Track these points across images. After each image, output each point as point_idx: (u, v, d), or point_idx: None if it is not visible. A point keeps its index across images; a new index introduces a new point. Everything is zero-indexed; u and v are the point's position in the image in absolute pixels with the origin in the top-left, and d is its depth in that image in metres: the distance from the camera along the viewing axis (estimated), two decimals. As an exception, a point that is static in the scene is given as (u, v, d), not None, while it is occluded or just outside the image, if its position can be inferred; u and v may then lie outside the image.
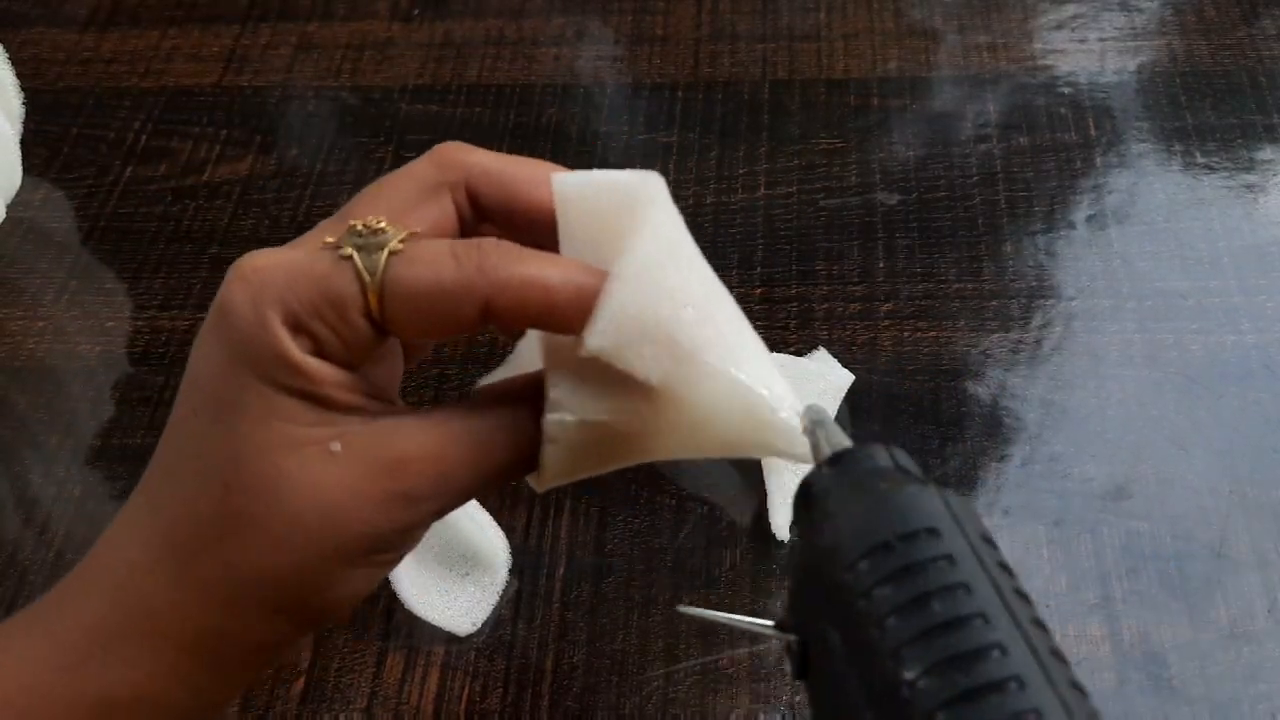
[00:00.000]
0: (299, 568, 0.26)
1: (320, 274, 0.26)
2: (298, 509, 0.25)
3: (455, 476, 0.27)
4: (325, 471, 0.25)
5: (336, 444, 0.26)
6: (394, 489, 0.26)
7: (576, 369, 0.28)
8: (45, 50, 0.68)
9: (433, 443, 0.27)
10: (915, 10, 0.66)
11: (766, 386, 0.29)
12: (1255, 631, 0.43)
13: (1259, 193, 0.56)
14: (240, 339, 0.26)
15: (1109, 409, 0.49)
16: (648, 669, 0.44)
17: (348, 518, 0.26)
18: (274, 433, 0.25)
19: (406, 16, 0.68)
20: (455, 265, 0.26)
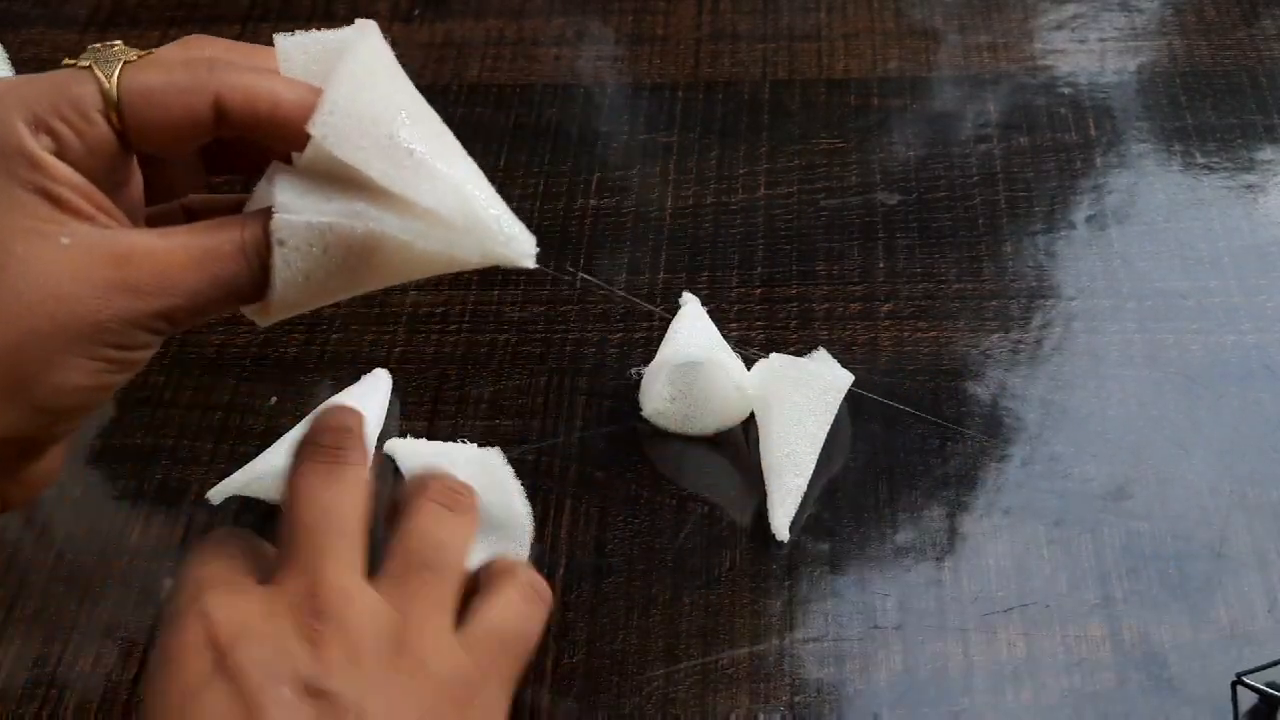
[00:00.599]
0: (18, 344, 0.27)
1: (60, 80, 0.28)
2: (20, 287, 0.27)
3: (181, 277, 0.28)
4: (52, 257, 0.27)
5: (66, 238, 0.27)
6: (116, 277, 0.27)
7: (304, 177, 0.29)
8: (45, 50, 0.68)
9: (159, 244, 0.28)
10: (915, 10, 0.66)
11: (479, 188, 0.30)
12: (1255, 631, 0.43)
13: (1259, 193, 0.56)
14: None
15: (1109, 409, 0.49)
16: (648, 669, 0.44)
17: (68, 297, 0.27)
18: (7, 220, 0.27)
19: (406, 16, 0.68)
20: (186, 69, 0.28)
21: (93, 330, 0.27)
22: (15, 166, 0.27)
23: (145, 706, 0.28)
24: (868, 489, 0.48)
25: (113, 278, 0.27)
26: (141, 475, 0.50)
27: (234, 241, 0.29)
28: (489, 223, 0.30)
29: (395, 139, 0.29)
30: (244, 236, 0.29)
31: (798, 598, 0.45)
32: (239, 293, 0.29)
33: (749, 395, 0.48)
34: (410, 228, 0.29)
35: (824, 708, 0.43)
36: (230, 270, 0.29)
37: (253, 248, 0.29)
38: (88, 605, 0.47)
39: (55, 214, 0.27)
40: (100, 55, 0.28)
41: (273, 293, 0.29)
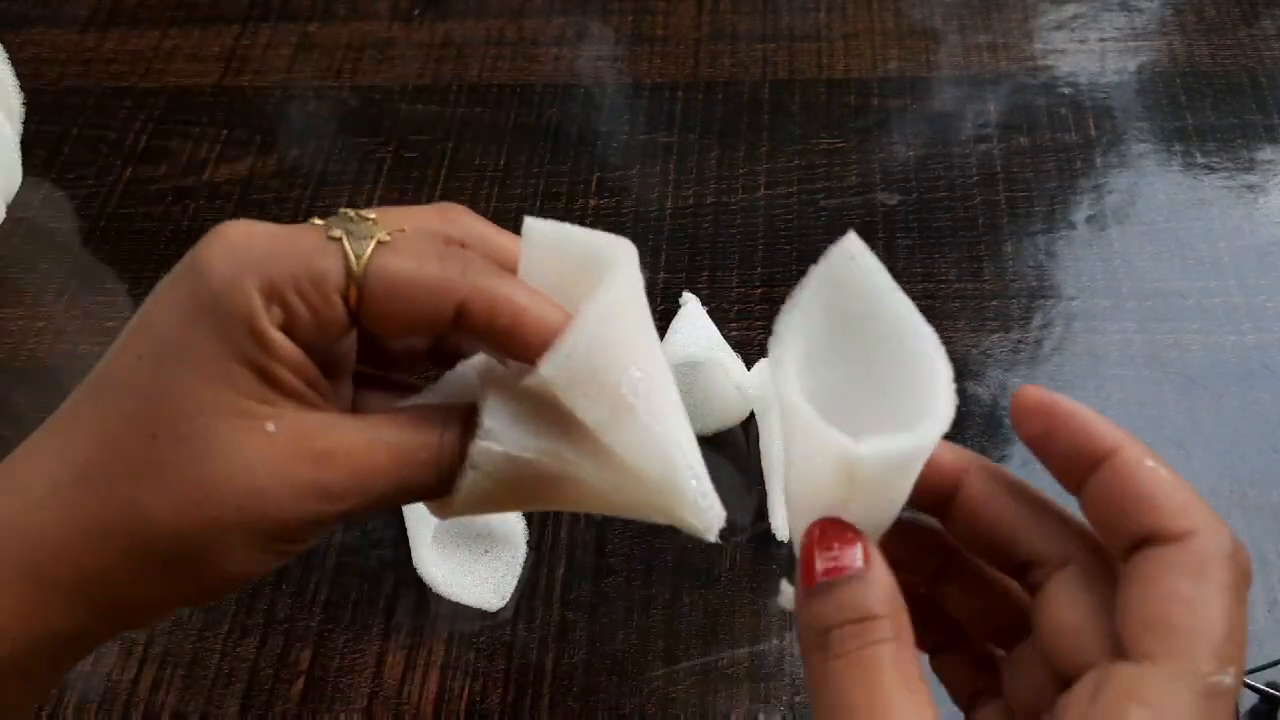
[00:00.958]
0: (204, 532, 0.26)
1: (306, 249, 0.26)
2: (220, 474, 0.25)
3: (374, 482, 0.27)
4: (255, 447, 0.26)
5: (272, 425, 0.26)
6: (315, 480, 0.26)
7: (514, 403, 0.28)
8: (46, 50, 0.68)
9: (360, 444, 0.27)
10: (915, 10, 0.66)
11: (684, 449, 0.29)
12: (1255, 632, 0.43)
13: (1259, 193, 0.56)
14: (211, 295, 0.26)
15: (1109, 409, 0.49)
16: (648, 669, 0.44)
17: (265, 496, 0.26)
18: (218, 395, 0.26)
19: (407, 16, 0.68)
20: (439, 263, 0.26)
21: (280, 528, 0.26)
22: (239, 337, 0.26)
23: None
24: (868, 489, 0.48)
25: (312, 480, 0.26)
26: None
27: (431, 448, 0.28)
28: (685, 490, 0.29)
29: (620, 391, 0.28)
30: (443, 444, 0.28)
31: (798, 598, 0.45)
32: (421, 497, 0.28)
33: (749, 395, 0.48)
34: (605, 478, 0.29)
35: (824, 708, 0.42)
36: (421, 478, 0.28)
37: (447, 466, 0.28)
38: (87, 605, 0.47)
39: (266, 392, 0.26)
40: (353, 228, 0.27)
41: (456, 500, 0.28)
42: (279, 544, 0.27)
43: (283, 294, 0.26)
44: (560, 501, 0.30)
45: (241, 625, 0.46)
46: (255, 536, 0.26)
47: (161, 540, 0.26)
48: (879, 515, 0.27)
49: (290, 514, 0.26)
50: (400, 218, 0.28)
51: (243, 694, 0.44)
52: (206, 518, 0.25)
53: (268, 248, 0.26)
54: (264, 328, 0.26)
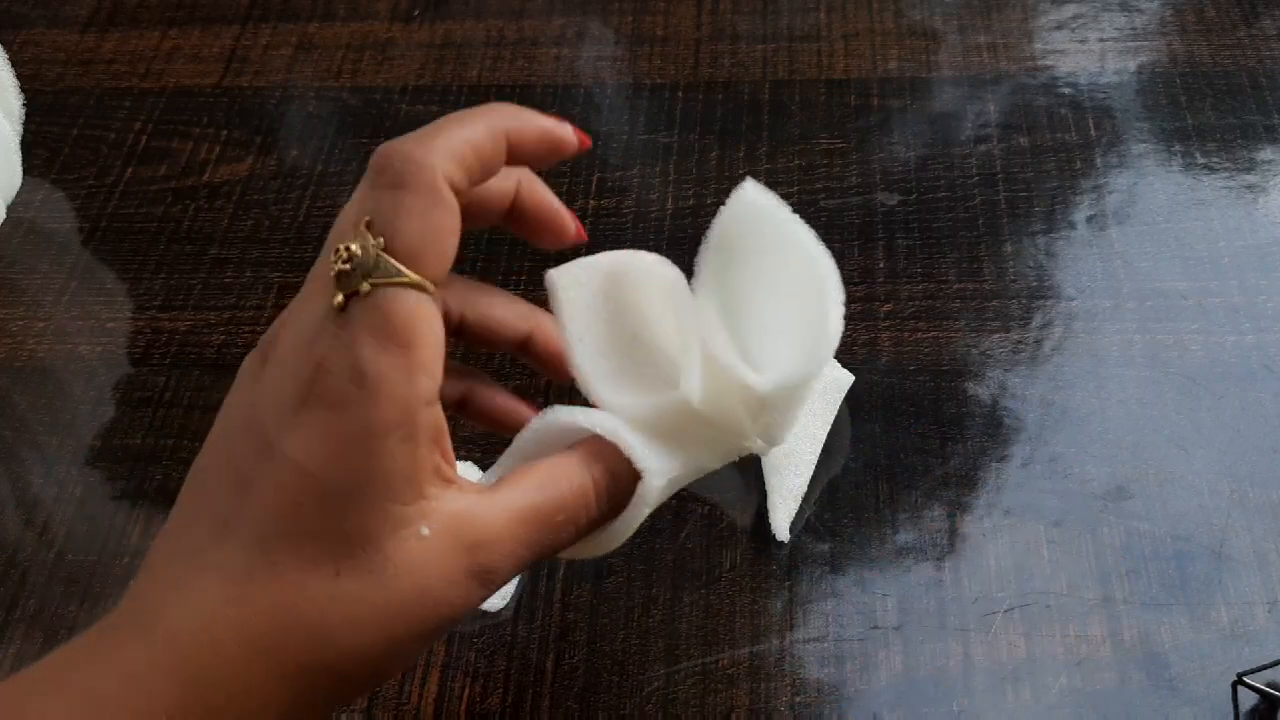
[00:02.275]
0: (391, 648, 0.26)
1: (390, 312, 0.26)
2: (400, 590, 0.26)
3: (522, 555, 0.28)
4: (420, 554, 0.26)
5: (425, 528, 0.26)
6: (474, 569, 0.27)
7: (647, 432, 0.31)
8: (45, 51, 0.68)
9: (505, 526, 0.28)
10: (915, 10, 0.66)
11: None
12: (1255, 631, 0.43)
13: (1259, 193, 0.56)
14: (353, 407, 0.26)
15: (1109, 409, 0.49)
16: (648, 669, 0.44)
17: (439, 597, 0.26)
18: (382, 513, 0.26)
19: (406, 17, 0.68)
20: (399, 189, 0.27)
21: (452, 621, 0.27)
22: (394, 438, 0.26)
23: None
24: (868, 489, 0.48)
25: (472, 570, 0.27)
26: (141, 475, 0.50)
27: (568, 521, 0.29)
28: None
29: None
30: (571, 500, 0.29)
31: (798, 598, 0.45)
32: (566, 546, 0.30)
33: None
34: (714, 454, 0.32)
35: (824, 708, 0.43)
36: (560, 539, 0.29)
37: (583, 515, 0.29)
38: (88, 605, 0.47)
39: (415, 489, 0.26)
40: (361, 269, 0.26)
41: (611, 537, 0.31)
42: (443, 632, 0.28)
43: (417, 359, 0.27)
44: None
45: (241, 625, 0.46)
46: (432, 634, 0.27)
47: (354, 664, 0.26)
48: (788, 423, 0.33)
49: (459, 606, 0.27)
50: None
51: None
52: (395, 637, 0.26)
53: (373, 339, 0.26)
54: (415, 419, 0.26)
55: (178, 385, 0.53)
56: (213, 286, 0.56)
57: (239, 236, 0.58)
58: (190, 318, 0.55)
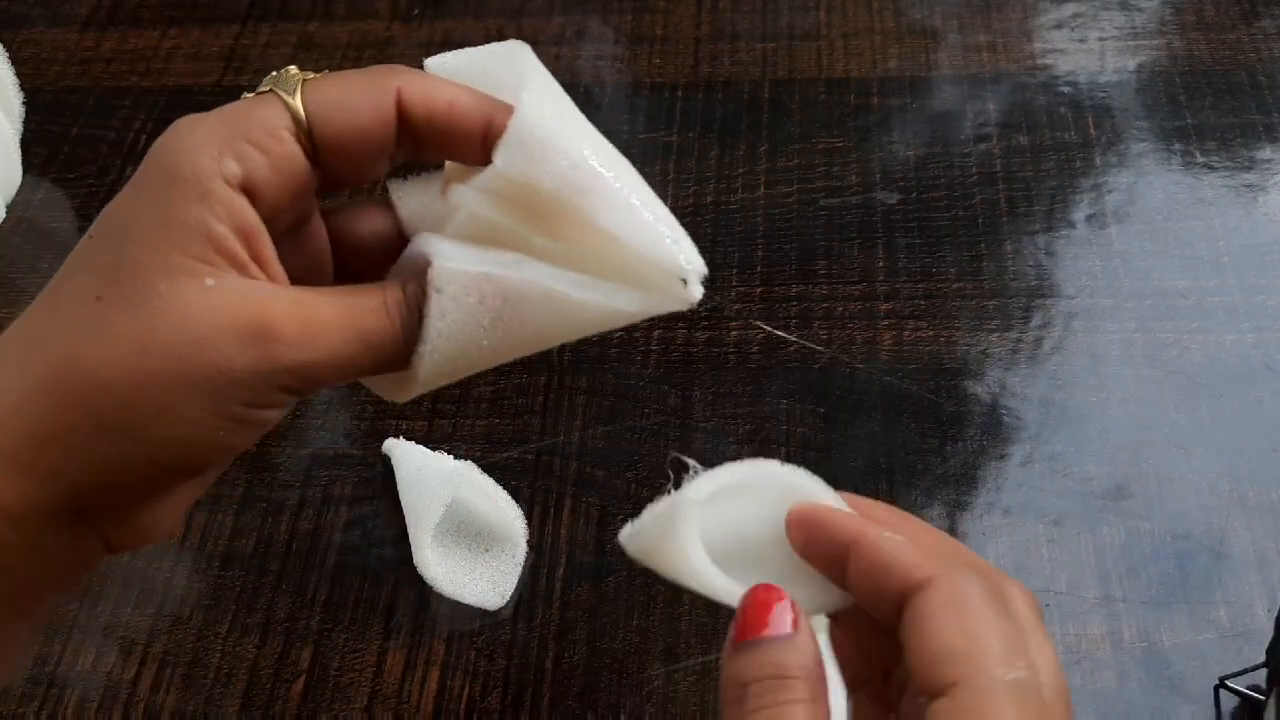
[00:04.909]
0: (144, 384, 0.25)
1: (244, 107, 0.27)
2: (159, 325, 0.25)
3: (321, 333, 0.27)
4: (194, 298, 0.26)
5: (211, 280, 0.26)
6: (255, 324, 0.26)
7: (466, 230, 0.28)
8: (45, 50, 0.68)
9: (303, 295, 0.27)
10: (915, 10, 0.66)
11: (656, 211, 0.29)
12: (1255, 631, 0.43)
13: (1259, 192, 0.56)
14: (159, 166, 0.26)
15: (1109, 409, 0.49)
16: (648, 669, 0.44)
17: (201, 341, 0.25)
18: (158, 255, 0.26)
19: (406, 16, 0.68)
20: (365, 75, 0.28)
21: (221, 380, 0.25)
22: (185, 199, 0.26)
23: None
24: (868, 489, 0.48)
25: (252, 324, 0.26)
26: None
27: (379, 299, 0.27)
28: (664, 247, 0.29)
29: (587, 160, 0.28)
30: (391, 294, 0.28)
31: (798, 597, 0.45)
32: (382, 352, 0.28)
33: None
34: (568, 278, 0.28)
35: (824, 707, 0.42)
36: (375, 326, 0.27)
37: (400, 304, 0.28)
38: (88, 605, 0.47)
39: (209, 253, 0.26)
40: (278, 80, 0.28)
41: (424, 347, 0.28)
42: (232, 404, 0.26)
43: (235, 145, 0.26)
44: (532, 325, 0.28)
45: (241, 625, 0.46)
46: (201, 391, 0.25)
47: (102, 395, 0.25)
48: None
49: (235, 363, 0.25)
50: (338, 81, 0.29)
51: (243, 694, 0.44)
52: (145, 368, 0.25)
53: (213, 117, 0.27)
54: (211, 185, 0.26)
55: (178, 385, 0.53)
56: (212, 286, 0.56)
57: (239, 236, 0.58)
58: (190, 317, 0.55)
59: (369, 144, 0.28)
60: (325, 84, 0.28)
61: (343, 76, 0.28)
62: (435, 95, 0.28)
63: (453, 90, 0.28)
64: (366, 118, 0.28)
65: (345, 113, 0.27)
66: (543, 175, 0.27)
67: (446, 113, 0.28)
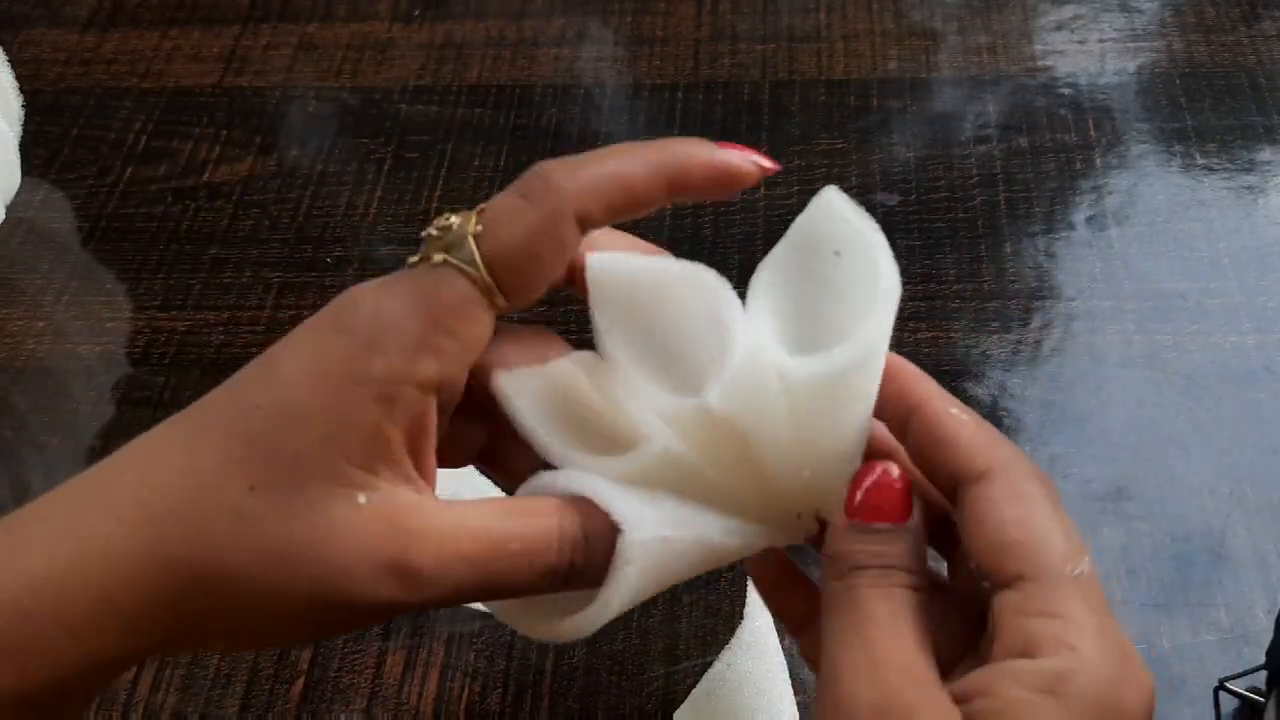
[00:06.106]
0: (274, 594, 0.24)
1: (434, 284, 0.25)
2: (303, 539, 0.24)
3: (458, 571, 0.25)
4: (343, 516, 0.24)
5: (364, 497, 0.24)
6: (398, 560, 0.24)
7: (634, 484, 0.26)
8: (45, 51, 0.68)
9: (450, 529, 0.25)
10: (915, 11, 0.66)
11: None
12: (1255, 632, 0.43)
13: (1259, 194, 0.56)
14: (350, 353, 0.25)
15: (1109, 409, 0.49)
16: (648, 669, 0.44)
17: (341, 570, 0.24)
18: (322, 456, 0.24)
19: (407, 17, 0.68)
20: (530, 206, 0.26)
21: (346, 607, 0.24)
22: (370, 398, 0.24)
23: None
24: (867, 489, 0.47)
25: (392, 556, 0.24)
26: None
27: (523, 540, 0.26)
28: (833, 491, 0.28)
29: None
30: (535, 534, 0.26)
31: (797, 598, 0.45)
32: (511, 593, 0.27)
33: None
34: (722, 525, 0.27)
35: (824, 708, 0.42)
36: (512, 570, 0.26)
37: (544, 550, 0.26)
38: (87, 605, 0.47)
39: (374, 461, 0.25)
40: (445, 241, 0.25)
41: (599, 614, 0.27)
42: (345, 623, 0.25)
43: (432, 341, 0.25)
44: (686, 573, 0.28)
45: (241, 625, 0.46)
46: (323, 611, 0.25)
47: (230, 593, 0.24)
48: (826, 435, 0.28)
49: (366, 597, 0.24)
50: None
51: (242, 694, 0.44)
52: (278, 581, 0.24)
53: (409, 303, 0.25)
54: (400, 391, 0.24)
55: (177, 385, 0.53)
56: (212, 286, 0.56)
57: (239, 236, 0.58)
58: (189, 318, 0.55)
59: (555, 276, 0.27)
60: (500, 234, 0.25)
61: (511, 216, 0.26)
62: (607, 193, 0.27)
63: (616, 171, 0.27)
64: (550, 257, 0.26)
65: (531, 262, 0.26)
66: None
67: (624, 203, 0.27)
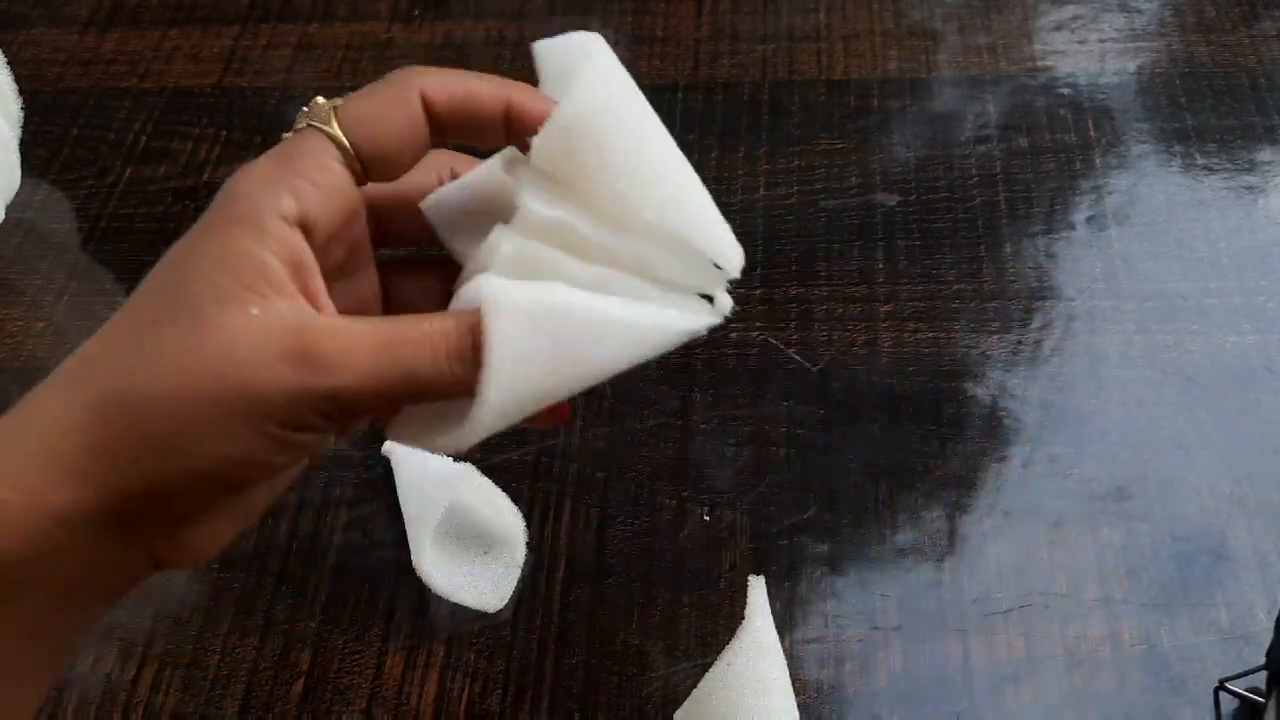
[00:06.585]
0: (187, 401, 0.26)
1: (292, 145, 0.29)
2: (202, 345, 0.26)
3: (361, 357, 0.27)
4: (239, 322, 0.27)
5: (256, 308, 0.27)
6: (292, 346, 0.27)
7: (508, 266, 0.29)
8: (45, 51, 0.68)
9: (347, 323, 0.28)
10: (915, 11, 0.66)
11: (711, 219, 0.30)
12: (1255, 632, 0.43)
13: (1259, 194, 0.56)
14: (226, 205, 0.28)
15: (1109, 409, 0.49)
16: (648, 669, 0.44)
17: (239, 362, 0.26)
18: (211, 284, 0.27)
19: (407, 17, 0.68)
20: (385, 83, 0.30)
21: (258, 400, 0.26)
22: (242, 235, 0.27)
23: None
24: (868, 489, 0.48)
25: (290, 347, 0.27)
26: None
27: (423, 327, 0.28)
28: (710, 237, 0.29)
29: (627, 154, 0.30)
30: (437, 324, 0.28)
31: (798, 598, 0.45)
32: (422, 381, 0.28)
33: None
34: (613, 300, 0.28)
35: (824, 708, 0.43)
36: (415, 356, 0.28)
37: (446, 334, 0.28)
38: (87, 606, 0.47)
39: (260, 284, 0.27)
40: (311, 114, 0.30)
41: (486, 380, 0.27)
42: (269, 424, 0.27)
43: (288, 182, 0.28)
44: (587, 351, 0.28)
45: (241, 626, 0.46)
46: (239, 410, 0.26)
47: (150, 411, 0.27)
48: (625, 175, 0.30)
49: (273, 385, 0.26)
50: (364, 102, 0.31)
51: (243, 695, 0.44)
52: (189, 386, 0.26)
53: (266, 161, 0.29)
54: (265, 221, 0.27)
55: (177, 385, 0.53)
56: (212, 287, 0.56)
57: (239, 237, 0.58)
58: (190, 318, 0.55)
59: (409, 148, 0.30)
60: (356, 105, 0.30)
61: (368, 94, 0.30)
62: (453, 87, 0.30)
63: (468, 79, 0.30)
64: (402, 126, 0.30)
65: (382, 126, 0.29)
66: (582, 164, 0.29)
67: (465, 101, 0.30)
